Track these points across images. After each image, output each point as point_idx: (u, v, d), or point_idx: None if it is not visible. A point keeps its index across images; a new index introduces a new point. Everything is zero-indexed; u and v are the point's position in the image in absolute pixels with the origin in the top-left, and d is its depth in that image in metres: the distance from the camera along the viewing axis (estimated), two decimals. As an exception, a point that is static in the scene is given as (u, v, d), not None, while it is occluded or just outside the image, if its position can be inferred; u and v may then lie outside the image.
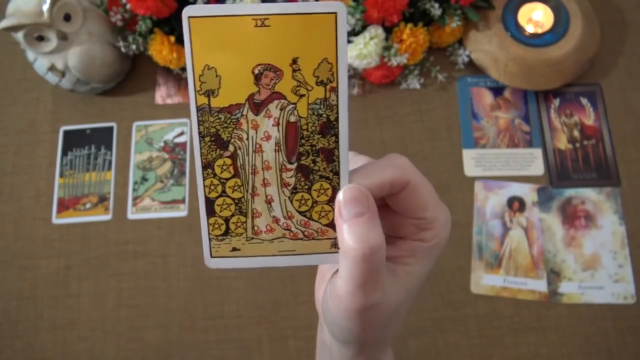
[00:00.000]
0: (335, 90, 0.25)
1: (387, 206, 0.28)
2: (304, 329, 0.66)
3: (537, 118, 0.75)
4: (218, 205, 0.27)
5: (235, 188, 0.26)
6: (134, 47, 0.72)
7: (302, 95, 0.25)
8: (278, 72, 0.25)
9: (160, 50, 0.71)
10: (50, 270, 0.70)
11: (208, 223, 0.27)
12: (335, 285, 0.26)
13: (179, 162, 0.75)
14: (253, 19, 0.24)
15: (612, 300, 0.66)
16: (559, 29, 0.72)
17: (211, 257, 0.27)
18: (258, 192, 0.27)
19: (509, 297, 0.67)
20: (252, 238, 0.27)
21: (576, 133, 0.74)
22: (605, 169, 0.72)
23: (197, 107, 0.25)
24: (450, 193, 0.72)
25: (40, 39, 0.68)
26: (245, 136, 0.26)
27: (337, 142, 0.26)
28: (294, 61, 0.25)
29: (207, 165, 0.26)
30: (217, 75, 0.25)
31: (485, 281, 0.68)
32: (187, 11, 0.24)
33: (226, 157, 0.26)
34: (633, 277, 0.67)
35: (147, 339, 0.67)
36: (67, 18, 0.68)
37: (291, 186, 0.26)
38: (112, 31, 0.73)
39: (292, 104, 0.25)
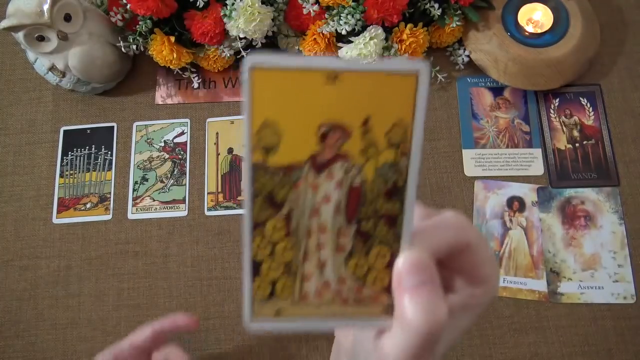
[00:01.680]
0: (407, 154, 0.23)
1: (439, 260, 0.26)
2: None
3: (537, 118, 0.75)
4: (265, 267, 0.25)
5: (286, 250, 0.24)
6: (134, 47, 0.73)
7: (369, 157, 0.23)
8: (346, 132, 0.23)
9: (160, 50, 0.71)
10: (51, 270, 0.70)
11: (253, 284, 0.25)
12: (383, 345, 0.25)
13: (179, 162, 0.75)
14: (324, 74, 0.22)
15: (612, 300, 0.66)
16: (558, 29, 0.72)
17: (252, 318, 0.25)
18: (310, 255, 0.25)
19: (509, 297, 0.67)
20: (299, 302, 0.25)
21: (576, 133, 0.74)
22: (605, 169, 0.72)
23: (252, 164, 0.23)
24: (450, 193, 0.72)
25: (41, 39, 0.68)
26: (302, 198, 0.24)
27: (402, 207, 0.24)
28: (366, 121, 0.23)
29: (257, 225, 0.24)
30: (277, 132, 0.22)
31: (485, 281, 0.68)
32: (250, 61, 0.21)
33: (279, 218, 0.24)
34: (633, 277, 0.67)
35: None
36: (68, 18, 0.68)
37: (347, 250, 0.25)
38: (113, 31, 0.73)
39: (358, 165, 0.23)
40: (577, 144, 0.74)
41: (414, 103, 0.23)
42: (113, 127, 0.77)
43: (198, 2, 0.68)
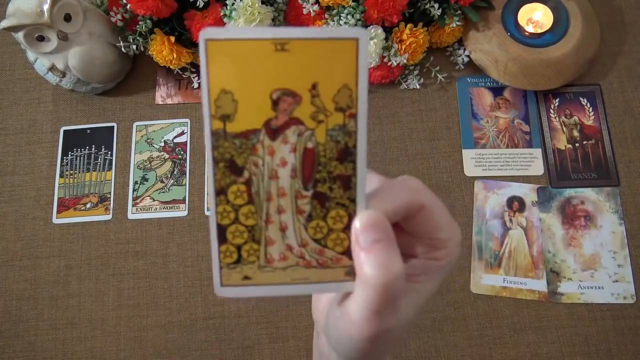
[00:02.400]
0: (354, 116, 0.25)
1: (398, 225, 0.27)
2: (304, 329, 0.66)
3: (537, 118, 0.75)
4: (230, 232, 0.26)
5: (249, 215, 0.26)
6: (134, 47, 0.73)
7: (320, 121, 0.25)
8: (297, 98, 0.24)
9: (160, 50, 0.71)
10: (51, 270, 0.70)
11: (219, 251, 0.26)
12: (348, 309, 0.26)
13: (179, 162, 0.75)
14: (272, 43, 0.23)
15: (611, 300, 0.66)
16: (558, 29, 0.72)
17: (221, 285, 0.26)
18: (272, 220, 0.26)
19: (509, 297, 0.67)
20: (265, 266, 0.26)
21: (576, 133, 0.74)
22: (605, 169, 0.72)
23: (211, 131, 0.24)
24: (450, 193, 0.72)
25: (41, 39, 0.68)
26: (260, 162, 0.25)
27: (354, 169, 0.25)
28: (314, 86, 0.24)
29: (220, 191, 0.25)
30: (233, 100, 0.24)
31: (485, 281, 0.68)
32: (205, 33, 0.23)
33: (240, 183, 0.25)
34: (633, 277, 0.67)
35: (147, 339, 0.67)
36: (68, 18, 0.68)
37: (306, 213, 0.26)
38: (113, 31, 0.73)
39: (310, 130, 0.25)
40: (577, 144, 0.74)
41: (357, 68, 0.24)
42: (113, 127, 0.77)
43: (198, 2, 0.68)
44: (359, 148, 0.25)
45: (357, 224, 0.25)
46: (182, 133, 0.76)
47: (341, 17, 0.68)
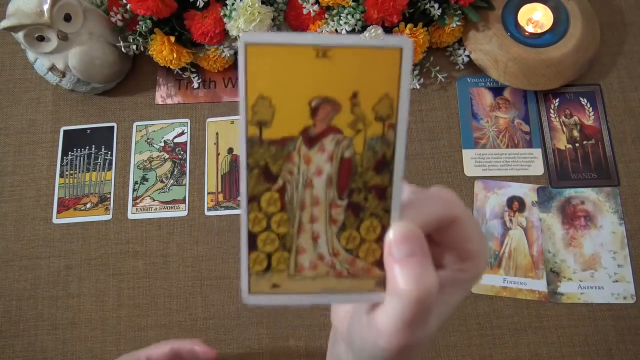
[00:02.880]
0: (394, 126, 0.24)
1: (428, 235, 0.27)
2: (304, 329, 0.66)
3: (537, 118, 0.75)
4: (261, 240, 0.25)
5: (281, 223, 0.25)
6: (134, 47, 0.73)
7: (359, 131, 0.24)
8: (336, 106, 0.24)
9: (160, 50, 0.71)
10: (51, 270, 0.70)
11: (249, 258, 0.25)
12: (376, 319, 0.25)
13: (179, 162, 0.75)
14: (314, 49, 0.23)
15: (611, 300, 0.66)
16: (558, 29, 0.72)
17: (249, 293, 0.26)
18: (304, 228, 0.25)
19: (509, 297, 0.67)
20: (294, 275, 0.26)
21: (576, 133, 0.74)
22: (605, 169, 0.72)
23: (247, 137, 0.24)
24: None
25: (41, 39, 0.68)
26: (295, 170, 0.25)
27: (391, 179, 0.25)
28: (354, 95, 0.24)
29: (252, 198, 0.25)
30: (271, 106, 0.23)
31: (485, 281, 0.68)
32: (245, 37, 0.23)
33: (274, 190, 0.25)
34: (633, 277, 0.67)
35: (147, 339, 0.67)
36: (68, 18, 0.68)
37: (339, 223, 0.25)
38: (113, 31, 0.73)
39: (349, 138, 0.24)
40: (577, 144, 0.74)
41: (399, 77, 0.24)
42: (113, 127, 0.77)
43: (198, 2, 0.68)
44: (397, 159, 0.25)
45: (391, 235, 0.25)
46: (182, 133, 0.76)
47: (341, 17, 0.68)
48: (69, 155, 0.76)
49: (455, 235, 0.27)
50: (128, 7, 0.69)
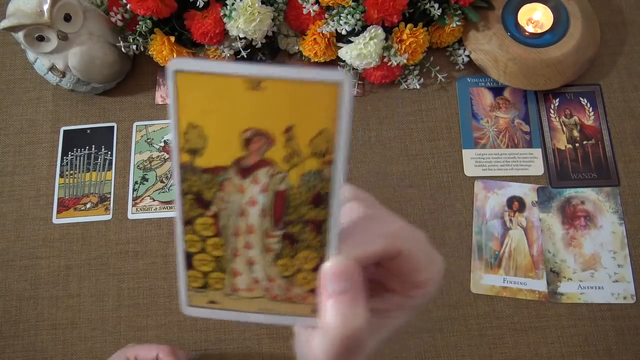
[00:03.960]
0: (331, 163, 0.23)
1: (376, 263, 0.27)
2: (304, 329, 0.66)
3: (537, 118, 0.75)
4: (197, 260, 0.25)
5: (217, 247, 0.25)
6: (134, 47, 0.73)
7: (294, 165, 0.23)
8: (269, 139, 0.23)
9: (160, 50, 0.71)
10: (51, 270, 0.70)
11: (186, 274, 0.26)
12: (312, 343, 0.26)
13: (179, 162, 0.74)
14: (246, 81, 0.22)
15: (611, 300, 0.66)
16: (558, 29, 0.72)
17: (188, 305, 0.26)
18: (240, 254, 0.25)
19: (509, 297, 0.67)
20: (231, 294, 0.26)
21: (576, 133, 0.74)
22: (605, 169, 0.72)
23: (179, 164, 0.24)
24: (450, 193, 0.72)
25: (41, 39, 0.68)
26: (229, 199, 0.24)
27: (327, 214, 0.24)
28: (288, 129, 0.23)
29: (187, 222, 0.25)
30: (202, 135, 0.23)
31: (485, 281, 0.68)
32: (174, 64, 0.22)
33: (208, 216, 0.25)
34: (633, 277, 0.67)
35: (147, 339, 0.67)
36: (68, 18, 0.68)
37: (275, 252, 0.25)
38: (113, 31, 0.73)
39: (283, 172, 0.24)
40: (577, 144, 0.74)
41: (337, 113, 0.22)
42: (113, 127, 0.77)
43: (198, 2, 0.68)
44: (334, 194, 0.24)
45: (325, 270, 0.24)
46: (182, 133, 0.76)
47: (341, 17, 0.68)
48: (69, 155, 0.76)
49: (402, 266, 0.26)
50: (128, 7, 0.69)
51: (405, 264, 0.26)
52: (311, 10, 0.68)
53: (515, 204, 0.71)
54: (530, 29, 0.73)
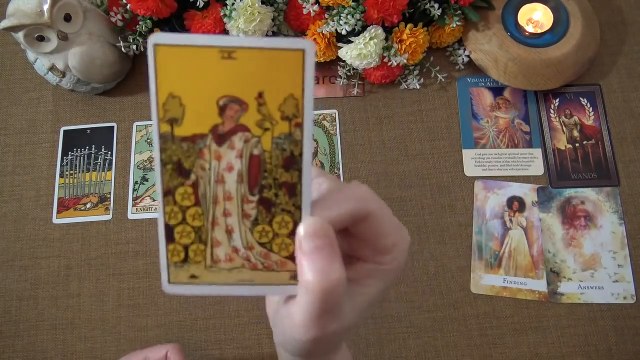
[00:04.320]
0: (300, 125, 0.25)
1: (346, 229, 0.28)
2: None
3: (537, 118, 0.75)
4: (178, 232, 0.26)
5: (196, 217, 0.26)
6: (134, 47, 0.73)
7: (266, 129, 0.25)
8: (243, 105, 0.25)
9: (160, 50, 0.71)
10: (51, 270, 0.70)
11: (167, 249, 0.27)
12: (291, 312, 0.26)
13: (179, 162, 0.75)
14: (219, 51, 0.24)
15: (611, 300, 0.66)
16: (558, 29, 0.72)
17: (169, 282, 0.27)
18: (218, 222, 0.26)
19: (509, 297, 0.67)
20: (211, 266, 0.27)
21: (576, 133, 0.74)
22: (605, 169, 0.72)
23: (159, 134, 0.25)
24: (450, 193, 0.72)
25: (41, 39, 0.68)
26: (207, 166, 0.26)
27: (300, 176, 0.26)
28: (260, 95, 0.25)
29: (167, 192, 0.26)
30: (181, 104, 0.24)
31: (485, 281, 0.68)
32: (153, 38, 0.24)
33: (187, 185, 0.26)
34: (633, 277, 0.67)
35: (147, 339, 0.67)
36: (68, 18, 0.68)
37: (252, 218, 0.26)
38: (113, 31, 0.73)
39: (256, 137, 0.25)
40: (577, 144, 0.74)
41: (303, 78, 0.24)
42: (113, 127, 0.77)
43: (198, 2, 0.68)
44: (305, 156, 0.26)
45: (300, 230, 0.26)
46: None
47: (341, 17, 0.68)
48: (69, 155, 0.76)
49: (369, 230, 0.27)
50: (128, 7, 0.69)
51: (372, 227, 0.27)
52: (311, 10, 0.68)
53: (515, 204, 0.71)
54: (530, 29, 0.73)
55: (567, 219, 0.70)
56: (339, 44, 0.72)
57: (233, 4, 0.67)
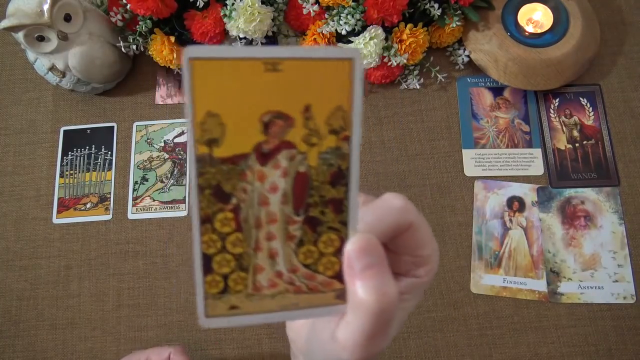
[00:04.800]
0: (348, 139, 0.24)
1: (383, 244, 0.28)
2: (304, 329, 0.66)
3: (537, 118, 0.75)
4: (217, 262, 0.24)
5: (237, 243, 0.24)
6: (134, 47, 0.73)
7: (313, 144, 0.24)
8: (289, 120, 0.23)
9: (160, 50, 0.71)
10: (51, 270, 0.70)
11: (204, 281, 0.25)
12: (339, 333, 0.25)
13: (179, 162, 0.75)
14: (263, 63, 0.22)
15: (611, 300, 0.66)
16: (558, 29, 0.72)
17: (206, 316, 0.25)
18: (261, 247, 0.25)
19: (509, 297, 0.67)
20: (253, 294, 0.25)
21: (576, 133, 0.74)
22: (605, 169, 0.72)
23: (196, 157, 0.23)
24: (450, 193, 0.72)
25: (41, 39, 0.68)
26: (249, 188, 0.24)
27: (347, 192, 0.25)
28: (306, 108, 0.23)
29: (205, 220, 0.24)
30: (220, 123, 0.22)
31: (485, 281, 0.68)
32: (189, 52, 0.21)
33: (228, 210, 0.24)
34: (633, 277, 0.67)
35: (147, 339, 0.67)
36: (68, 18, 0.68)
37: (297, 239, 0.25)
38: (113, 31, 0.73)
39: (302, 153, 0.24)
40: (577, 144, 0.74)
41: (351, 89, 0.23)
42: (113, 127, 0.77)
43: (198, 2, 0.68)
44: (352, 170, 0.24)
45: (349, 248, 0.25)
46: (182, 133, 0.76)
47: (341, 17, 0.68)
48: (69, 155, 0.76)
49: (410, 241, 0.27)
50: (128, 7, 0.69)
51: (413, 238, 0.27)
52: (311, 10, 0.68)
53: (515, 204, 0.71)
54: (530, 29, 0.73)
55: (567, 219, 0.70)
56: (339, 44, 0.72)
57: (233, 4, 0.67)
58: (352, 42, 0.70)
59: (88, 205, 0.73)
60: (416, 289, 0.28)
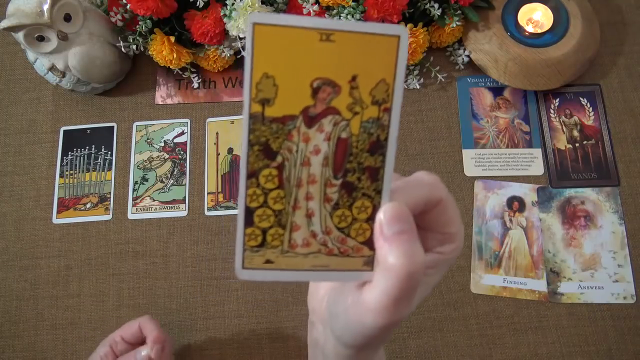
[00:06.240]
0: (388, 110, 0.25)
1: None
2: (304, 329, 0.66)
3: (537, 118, 0.75)
4: (258, 215, 0.26)
5: (278, 200, 0.26)
6: (134, 47, 0.73)
7: (356, 113, 0.25)
8: (336, 88, 0.25)
9: (160, 50, 0.71)
10: (51, 270, 0.70)
11: (245, 233, 0.26)
12: (364, 297, 0.26)
13: (179, 162, 0.75)
14: (319, 33, 0.24)
15: (611, 300, 0.66)
16: (558, 29, 0.72)
17: (243, 268, 0.27)
18: (300, 205, 0.26)
19: (509, 297, 0.67)
20: (287, 251, 0.27)
21: (576, 133, 0.74)
22: (605, 169, 0.72)
23: (250, 114, 0.25)
24: (450, 193, 0.72)
25: (41, 39, 0.68)
26: (294, 148, 0.26)
27: (383, 161, 0.26)
28: (353, 78, 0.25)
29: (251, 174, 0.26)
30: (274, 85, 0.24)
31: (485, 281, 0.68)
32: (253, 17, 0.23)
33: (273, 167, 0.26)
34: (633, 277, 0.67)
35: (147, 338, 0.67)
36: (68, 18, 0.68)
37: (333, 202, 0.26)
38: (113, 31, 0.73)
39: (346, 120, 0.25)
40: (577, 144, 0.74)
41: (396, 64, 0.25)
42: (113, 127, 0.77)
43: (198, 2, 0.68)
44: (390, 141, 0.26)
45: (381, 215, 0.26)
46: (182, 133, 0.76)
47: (341, 17, 0.68)
48: (69, 155, 0.76)
49: (438, 217, 0.28)
50: (128, 7, 0.69)
51: (442, 215, 0.28)
52: (311, 10, 0.68)
53: (515, 204, 0.71)
54: (530, 29, 0.73)
55: (567, 219, 0.70)
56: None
57: (233, 4, 0.67)
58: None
59: (88, 205, 0.73)
60: (441, 265, 0.29)
